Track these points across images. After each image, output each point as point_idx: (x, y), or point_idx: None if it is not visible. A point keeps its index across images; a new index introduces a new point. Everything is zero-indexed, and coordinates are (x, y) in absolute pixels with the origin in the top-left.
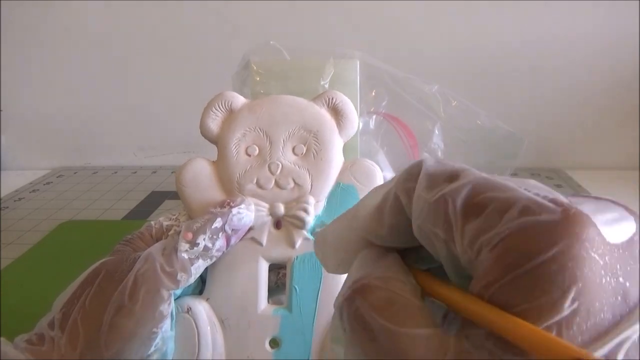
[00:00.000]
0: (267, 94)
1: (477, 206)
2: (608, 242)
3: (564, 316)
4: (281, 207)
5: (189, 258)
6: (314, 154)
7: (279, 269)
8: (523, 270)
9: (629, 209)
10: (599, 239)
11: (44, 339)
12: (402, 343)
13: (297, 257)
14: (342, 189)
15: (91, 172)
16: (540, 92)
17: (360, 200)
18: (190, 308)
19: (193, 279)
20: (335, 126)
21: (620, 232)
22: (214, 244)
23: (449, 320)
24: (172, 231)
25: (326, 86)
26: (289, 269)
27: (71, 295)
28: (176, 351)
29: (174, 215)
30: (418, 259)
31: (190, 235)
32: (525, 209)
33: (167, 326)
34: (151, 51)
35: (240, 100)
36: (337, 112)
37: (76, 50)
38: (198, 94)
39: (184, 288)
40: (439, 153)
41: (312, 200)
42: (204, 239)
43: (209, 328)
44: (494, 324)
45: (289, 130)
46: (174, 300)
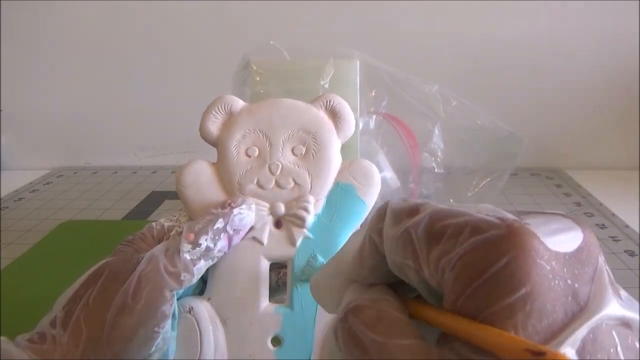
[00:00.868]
0: (267, 94)
1: (437, 234)
2: (552, 250)
3: (519, 318)
4: (281, 207)
5: (191, 259)
6: (313, 154)
7: (280, 268)
8: (480, 281)
9: (578, 220)
10: (542, 247)
11: (45, 337)
12: (389, 353)
13: (298, 255)
14: (341, 188)
15: (91, 172)
16: (541, 92)
17: (342, 246)
18: (192, 308)
19: (196, 279)
20: (334, 127)
21: (566, 240)
22: (215, 244)
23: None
24: (173, 232)
25: (326, 86)
26: (289, 267)
27: (73, 294)
28: (178, 351)
29: (174, 216)
30: (404, 289)
31: (192, 236)
32: (475, 228)
33: (168, 326)
34: (151, 51)
35: (239, 103)
36: (334, 114)
37: (76, 51)
38: (198, 94)
39: (186, 289)
40: (439, 153)
41: (312, 199)
42: (205, 239)
43: (210, 327)
44: (463, 332)
45: (288, 131)
46: (176, 301)
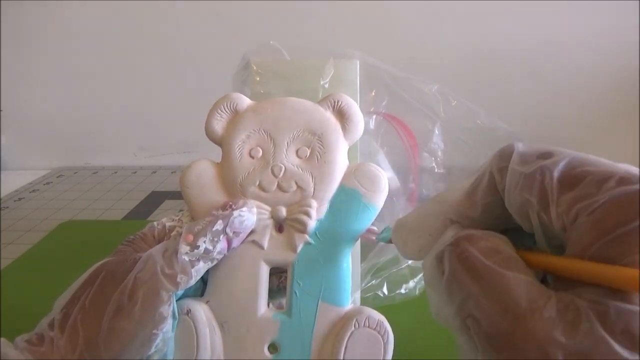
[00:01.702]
0: (267, 94)
1: (574, 178)
2: None
3: None
4: (283, 211)
5: (189, 260)
6: (317, 157)
7: (282, 272)
8: (622, 231)
9: None
10: None
11: (43, 339)
12: (507, 283)
13: (298, 261)
14: (345, 192)
15: (91, 172)
16: (540, 92)
17: (446, 190)
18: (190, 310)
19: (194, 281)
20: (340, 129)
21: None
22: (214, 246)
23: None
24: (174, 232)
25: (326, 86)
26: (289, 273)
27: (72, 296)
28: (175, 353)
29: (177, 216)
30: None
31: (190, 238)
32: (622, 179)
33: (168, 327)
34: (151, 52)
35: (245, 101)
36: (342, 115)
37: (76, 51)
38: (198, 94)
39: (185, 289)
40: (439, 153)
41: (314, 204)
42: (204, 241)
43: (207, 331)
44: (601, 276)
45: (293, 132)
46: (175, 302)
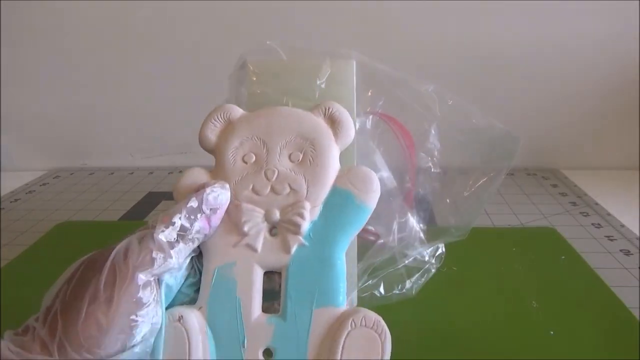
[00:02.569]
0: (264, 94)
1: None
2: None
3: None
4: (277, 213)
5: (167, 241)
6: (310, 160)
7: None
8: None
9: None
10: None
11: (28, 330)
12: None
13: (292, 264)
14: (338, 194)
15: (88, 173)
16: (537, 92)
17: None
18: (182, 317)
19: (175, 262)
20: (332, 135)
21: None
22: (192, 224)
23: None
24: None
25: (323, 86)
26: (283, 275)
27: (56, 291)
28: None
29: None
30: None
31: (166, 218)
32: None
33: (151, 314)
34: (148, 52)
35: (238, 112)
36: (333, 121)
37: (74, 52)
38: (195, 95)
39: (179, 296)
40: (436, 153)
41: (307, 206)
42: (179, 217)
43: (200, 337)
44: None
45: (286, 138)
46: (166, 310)
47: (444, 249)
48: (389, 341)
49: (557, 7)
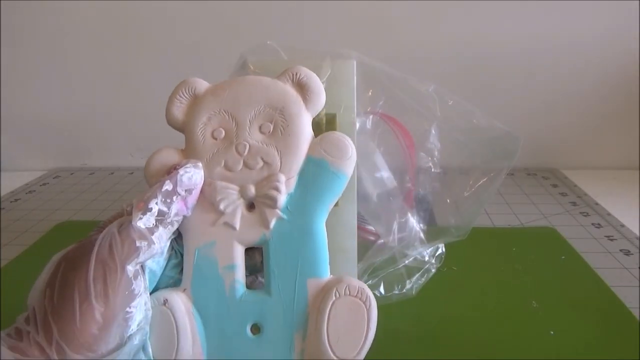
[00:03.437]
0: None
1: None
2: None
3: None
4: (252, 189)
5: (146, 228)
6: (281, 130)
7: None
8: None
9: None
10: None
11: (21, 333)
12: None
13: (273, 238)
14: (313, 163)
15: (88, 173)
16: (537, 92)
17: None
18: (167, 300)
19: (158, 247)
20: (302, 101)
21: None
22: (169, 207)
23: None
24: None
25: (324, 86)
26: (265, 251)
27: (40, 292)
28: (156, 345)
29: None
30: None
31: (141, 204)
32: None
33: (142, 303)
34: (148, 52)
35: (203, 85)
36: (302, 87)
37: (73, 52)
38: None
39: (163, 279)
40: (436, 153)
41: (282, 178)
42: (156, 202)
43: (187, 319)
44: None
45: (255, 109)
46: (151, 295)
47: (444, 249)
48: (374, 308)
49: (557, 7)
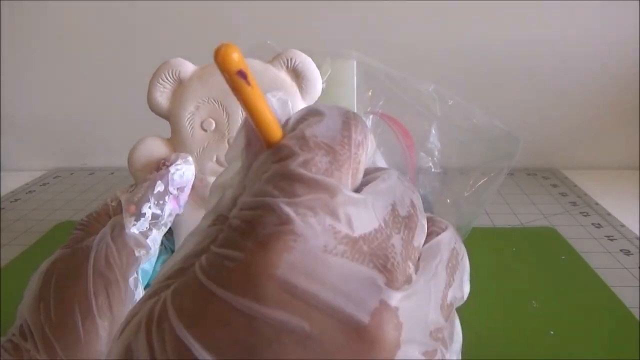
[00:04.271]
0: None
1: None
2: None
3: None
4: None
5: (140, 232)
6: None
7: None
8: None
9: None
10: None
11: (20, 349)
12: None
13: None
14: None
15: (88, 173)
16: (537, 93)
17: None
18: None
19: (154, 250)
20: (297, 90)
21: None
22: (162, 209)
23: None
24: (114, 204)
25: (324, 86)
26: None
27: (33, 305)
28: None
29: (131, 188)
30: None
31: (133, 208)
32: None
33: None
34: (148, 52)
35: (189, 67)
36: (298, 75)
37: (73, 51)
38: None
39: (154, 277)
40: (436, 152)
41: None
42: (149, 206)
43: None
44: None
45: None
46: (144, 290)
47: None
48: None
49: (557, 8)
